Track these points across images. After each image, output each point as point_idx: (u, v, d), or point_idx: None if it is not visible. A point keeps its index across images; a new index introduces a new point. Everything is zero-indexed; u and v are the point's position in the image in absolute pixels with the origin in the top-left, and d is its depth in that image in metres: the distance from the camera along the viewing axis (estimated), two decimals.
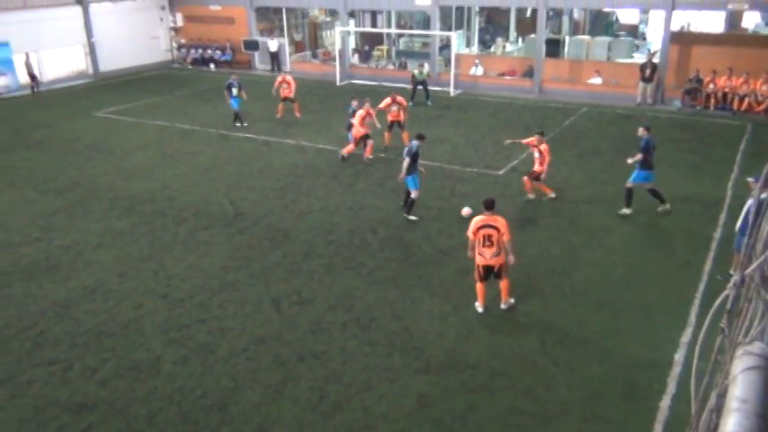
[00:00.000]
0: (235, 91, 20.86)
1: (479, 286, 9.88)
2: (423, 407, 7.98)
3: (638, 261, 11.66)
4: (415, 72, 24.27)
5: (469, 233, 9.62)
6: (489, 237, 9.45)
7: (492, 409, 7.94)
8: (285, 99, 21.71)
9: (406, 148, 13.54)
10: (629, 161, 13.41)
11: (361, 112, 16.86)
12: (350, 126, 17.34)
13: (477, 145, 18.95)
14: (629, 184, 13.39)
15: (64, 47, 29.36)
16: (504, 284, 9.91)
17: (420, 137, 13.67)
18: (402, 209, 13.74)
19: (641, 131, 13.23)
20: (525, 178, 14.47)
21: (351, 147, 17.05)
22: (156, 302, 10.50)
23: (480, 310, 9.97)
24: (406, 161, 13.14)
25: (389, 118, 18.07)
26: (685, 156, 17.52)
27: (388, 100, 18.10)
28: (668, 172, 16.14)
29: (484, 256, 9.58)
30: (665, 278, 10.98)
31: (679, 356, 8.83)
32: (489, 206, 9.63)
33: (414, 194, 13.40)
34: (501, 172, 16.52)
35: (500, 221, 9.49)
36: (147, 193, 15.39)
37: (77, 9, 29.67)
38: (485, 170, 16.64)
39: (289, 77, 21.95)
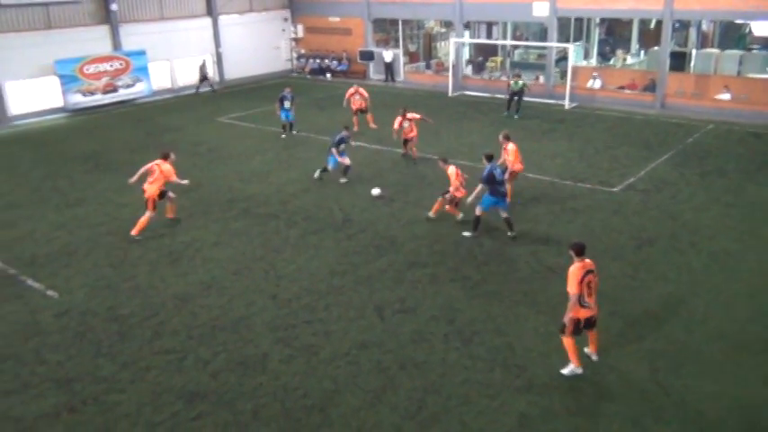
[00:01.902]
0: (287, 104, 21.32)
1: (572, 342, 8.56)
2: (522, 427, 7.80)
3: (763, 291, 10.82)
4: (511, 82, 23.96)
5: (573, 288, 8.24)
6: (590, 283, 8.40)
7: None
8: (358, 111, 21.80)
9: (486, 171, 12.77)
10: None
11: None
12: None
13: (592, 160, 18.33)
14: None
15: (195, 56, 31.30)
16: (595, 335, 8.91)
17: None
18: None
19: None
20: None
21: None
22: (265, 301, 10.94)
23: (580, 371, 8.69)
24: (480, 187, 12.85)
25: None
26: None
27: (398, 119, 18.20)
28: None
29: (588, 307, 8.44)
30: None
31: None
32: (582, 251, 8.44)
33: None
34: (616, 189, 15.89)
35: (593, 264, 8.53)
36: (263, 196, 16.08)
37: (208, 20, 31.57)
38: (599, 186, 16.07)
39: (362, 89, 22.07)
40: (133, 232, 13.57)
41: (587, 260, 8.44)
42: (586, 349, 9.03)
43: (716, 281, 11.23)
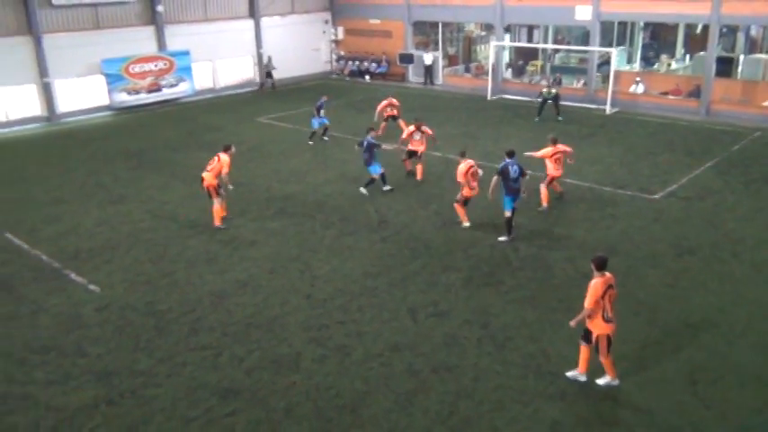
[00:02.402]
0: (323, 112, 21.30)
1: (610, 362, 8.43)
2: None
3: None
4: (544, 91, 23.85)
5: (591, 303, 8.03)
6: (611, 297, 8.14)
7: None
8: (389, 117, 21.56)
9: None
10: None
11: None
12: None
13: (632, 166, 18.01)
14: None
15: (237, 57, 31.76)
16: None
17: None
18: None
19: None
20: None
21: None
22: (300, 301, 11.04)
23: (617, 383, 8.54)
24: (495, 179, 13.00)
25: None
26: None
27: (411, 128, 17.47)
28: None
29: (612, 323, 8.19)
30: None
31: None
32: (603, 265, 8.15)
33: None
34: (657, 196, 15.58)
35: (613, 278, 8.26)
36: (300, 196, 16.23)
37: (250, 22, 32.01)
38: (638, 193, 15.78)
39: (394, 99, 21.94)
40: (216, 224, 14.18)
41: (608, 274, 8.17)
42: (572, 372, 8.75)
43: (758, 292, 10.93)
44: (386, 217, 14.72)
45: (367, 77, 34.00)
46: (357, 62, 34.84)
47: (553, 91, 23.72)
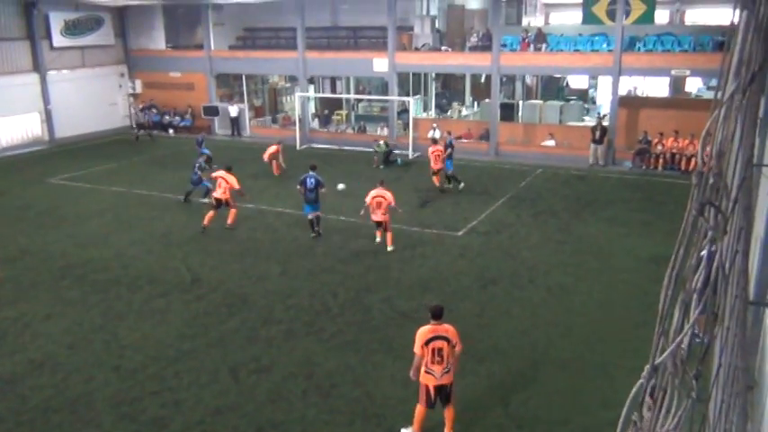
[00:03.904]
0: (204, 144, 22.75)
1: (422, 411, 8.19)
2: None
3: (596, 319, 11.77)
4: (376, 147, 25.30)
5: (416, 349, 7.91)
6: (440, 350, 7.90)
7: None
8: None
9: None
10: None
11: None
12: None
13: (436, 206, 19.15)
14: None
15: (21, 113, 29.03)
16: (451, 413, 8.29)
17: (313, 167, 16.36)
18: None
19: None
20: None
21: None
22: (107, 375, 10.09)
23: None
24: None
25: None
26: (638, 214, 18.01)
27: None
28: (620, 230, 16.58)
29: (434, 375, 7.96)
30: (624, 336, 11.07)
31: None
32: (437, 315, 7.99)
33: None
34: (460, 233, 16.67)
35: (450, 330, 8.00)
36: (101, 261, 15.01)
37: (35, 76, 29.53)
38: (444, 231, 16.77)
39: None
40: (229, 221, 16.85)
41: (445, 325, 8.01)
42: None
43: (553, 313, 12.04)
44: (199, 274, 14.11)
45: (171, 131, 32.81)
46: (150, 112, 33.25)
47: (382, 144, 25.43)
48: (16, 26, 28.89)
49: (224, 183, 16.80)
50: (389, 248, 15.16)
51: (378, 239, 15.71)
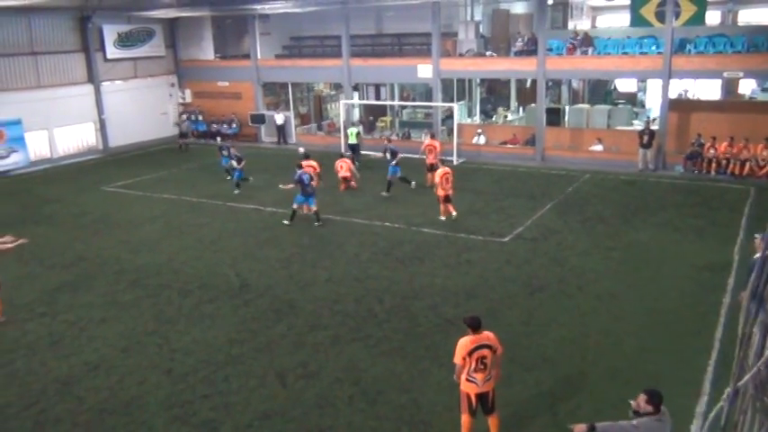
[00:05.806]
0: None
1: (467, 420, 8.05)
2: None
3: (647, 328, 11.48)
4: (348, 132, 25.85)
5: (457, 359, 7.83)
6: (483, 359, 7.82)
7: None
8: (344, 179, 22.29)
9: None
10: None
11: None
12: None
13: (482, 212, 19.03)
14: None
15: (76, 123, 30.07)
16: (495, 421, 8.20)
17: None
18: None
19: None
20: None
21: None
22: (159, 378, 10.34)
23: None
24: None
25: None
26: (690, 220, 17.53)
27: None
28: (672, 237, 16.17)
29: (476, 383, 7.89)
30: (677, 346, 10.79)
31: (695, 428, 8.56)
32: (476, 326, 7.87)
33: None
34: (506, 239, 16.52)
35: (491, 338, 7.94)
36: (153, 266, 15.40)
37: (89, 87, 30.56)
38: (490, 237, 16.65)
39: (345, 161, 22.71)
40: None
41: (485, 333, 7.95)
42: None
43: (603, 321, 11.81)
44: (247, 280, 14.33)
45: (218, 139, 33.48)
46: (206, 124, 34.15)
47: (355, 131, 25.78)
48: (72, 39, 29.93)
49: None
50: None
51: (453, 214, 17.89)
